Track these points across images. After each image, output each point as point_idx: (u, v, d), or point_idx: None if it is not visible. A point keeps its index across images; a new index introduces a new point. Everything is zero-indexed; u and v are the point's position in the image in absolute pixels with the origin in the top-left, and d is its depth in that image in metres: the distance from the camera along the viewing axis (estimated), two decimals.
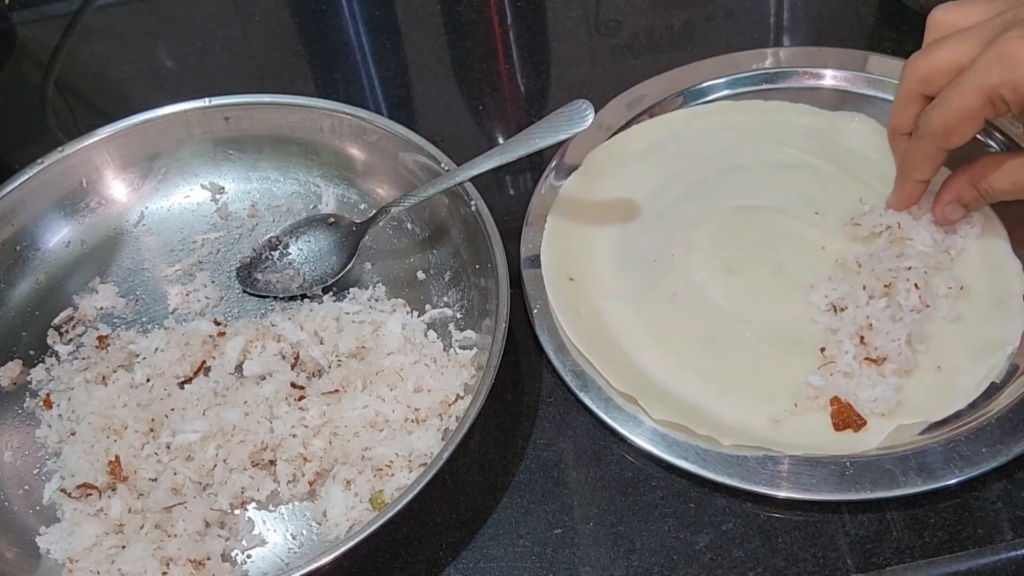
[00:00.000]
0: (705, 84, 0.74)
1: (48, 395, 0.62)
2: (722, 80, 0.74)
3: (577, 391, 0.58)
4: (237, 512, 0.56)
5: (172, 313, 0.66)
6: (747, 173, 0.68)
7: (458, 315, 0.63)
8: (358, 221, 0.67)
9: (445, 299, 0.64)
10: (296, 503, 0.56)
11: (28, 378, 0.63)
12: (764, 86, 0.74)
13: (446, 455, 0.51)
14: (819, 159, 0.68)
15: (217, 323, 0.64)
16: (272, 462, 0.57)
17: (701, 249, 0.63)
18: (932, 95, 0.57)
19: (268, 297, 0.66)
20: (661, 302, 0.62)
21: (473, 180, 0.62)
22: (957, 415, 0.55)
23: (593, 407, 0.57)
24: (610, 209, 0.68)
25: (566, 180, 0.68)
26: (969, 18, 0.55)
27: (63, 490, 0.56)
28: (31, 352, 0.64)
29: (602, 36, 0.83)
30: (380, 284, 0.66)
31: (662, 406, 0.56)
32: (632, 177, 0.69)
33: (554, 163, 0.69)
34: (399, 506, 0.50)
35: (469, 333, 0.62)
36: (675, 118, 0.72)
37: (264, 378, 0.60)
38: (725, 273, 0.62)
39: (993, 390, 0.56)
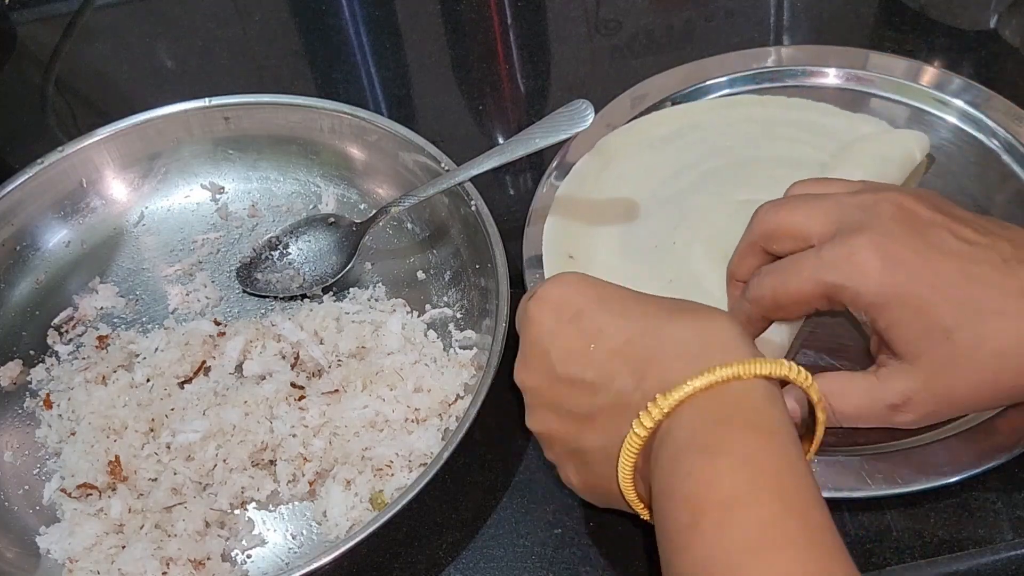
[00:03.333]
0: (712, 81, 0.74)
1: (48, 395, 0.62)
2: (724, 78, 0.74)
3: None
4: (237, 512, 0.56)
5: (172, 313, 0.66)
6: (760, 167, 0.68)
7: (458, 315, 0.63)
8: (358, 221, 0.67)
9: (445, 299, 0.64)
10: (296, 503, 0.56)
11: (28, 378, 0.63)
12: (767, 84, 0.74)
13: (446, 455, 0.51)
14: (833, 159, 0.68)
15: (217, 323, 0.64)
16: (272, 462, 0.57)
17: (703, 239, 0.63)
18: (773, 254, 0.53)
19: (268, 297, 0.66)
20: (657, 288, 0.61)
21: (473, 180, 0.62)
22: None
23: None
24: (619, 192, 0.68)
25: (574, 165, 0.68)
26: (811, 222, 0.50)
27: (63, 490, 0.56)
28: (31, 352, 0.64)
29: (602, 36, 0.83)
30: (380, 284, 0.66)
31: None
32: (645, 162, 0.69)
33: (555, 163, 0.69)
34: (399, 506, 0.50)
35: (469, 333, 0.62)
36: (697, 108, 0.72)
37: (264, 378, 0.60)
38: (724, 263, 0.62)
39: None
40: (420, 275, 0.66)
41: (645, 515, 0.45)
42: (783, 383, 0.42)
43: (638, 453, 0.42)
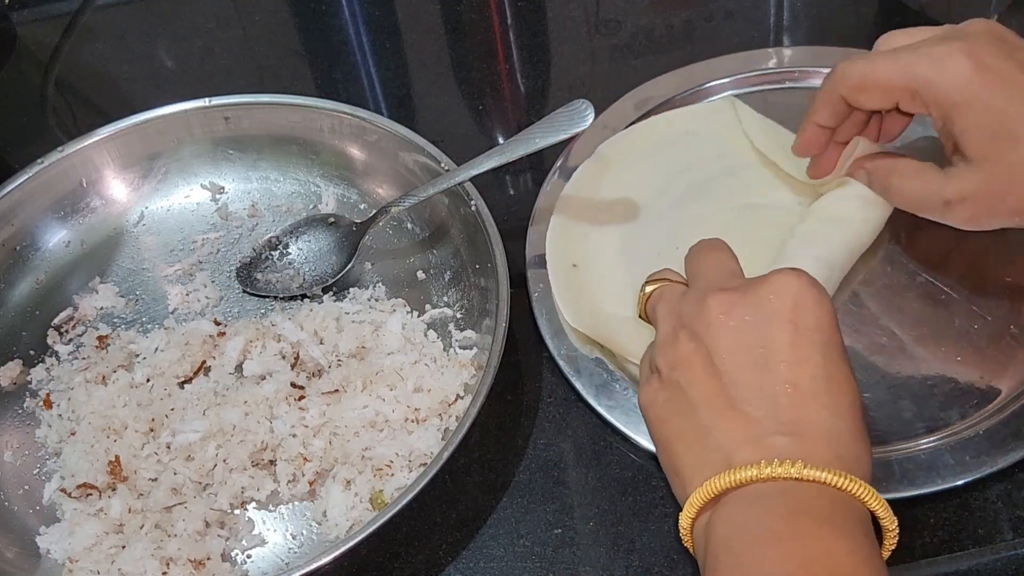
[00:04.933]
0: (715, 83, 0.74)
1: (48, 395, 0.62)
2: (727, 79, 0.74)
3: (569, 376, 0.58)
4: (237, 512, 0.56)
5: (172, 313, 0.66)
6: (751, 171, 0.68)
7: (458, 315, 0.63)
8: (358, 221, 0.67)
9: (445, 299, 0.64)
10: (296, 503, 0.56)
11: (28, 378, 0.63)
12: (769, 86, 0.74)
13: (446, 455, 0.51)
14: None
15: (217, 323, 0.64)
16: (272, 462, 0.57)
17: None
18: (855, 107, 0.57)
19: (268, 297, 0.66)
20: None
21: (473, 180, 0.62)
22: (950, 418, 0.55)
23: (584, 393, 0.57)
24: (616, 203, 0.67)
25: (575, 171, 0.68)
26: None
27: (63, 490, 0.56)
28: (31, 352, 0.64)
29: (602, 36, 0.83)
30: (380, 284, 0.66)
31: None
32: (640, 172, 0.69)
33: (559, 163, 0.69)
34: (399, 506, 0.50)
35: (469, 333, 0.62)
36: (686, 113, 0.72)
37: (264, 378, 0.60)
38: None
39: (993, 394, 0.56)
40: (420, 275, 0.66)
41: (688, 541, 0.44)
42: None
43: (719, 492, 0.42)
